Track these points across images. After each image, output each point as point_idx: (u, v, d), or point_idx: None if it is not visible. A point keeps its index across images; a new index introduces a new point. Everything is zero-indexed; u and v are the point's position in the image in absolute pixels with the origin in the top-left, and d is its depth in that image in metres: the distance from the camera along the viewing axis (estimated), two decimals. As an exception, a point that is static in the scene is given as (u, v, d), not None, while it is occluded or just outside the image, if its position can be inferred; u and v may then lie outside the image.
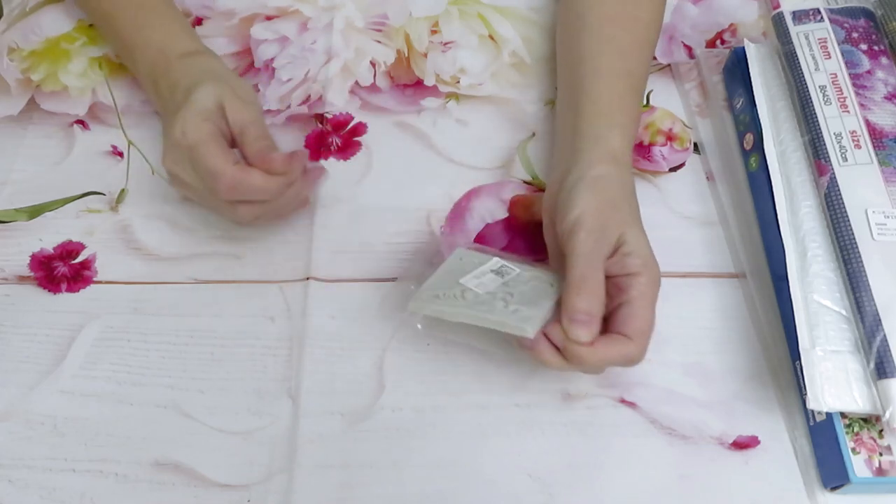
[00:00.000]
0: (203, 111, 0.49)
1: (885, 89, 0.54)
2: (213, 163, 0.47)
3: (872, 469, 0.44)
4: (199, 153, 0.47)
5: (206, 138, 0.48)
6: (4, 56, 0.65)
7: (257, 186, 0.48)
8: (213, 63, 0.55)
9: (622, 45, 0.54)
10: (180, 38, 0.56)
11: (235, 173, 0.47)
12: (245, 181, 0.48)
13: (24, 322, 0.52)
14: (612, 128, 0.50)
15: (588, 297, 0.43)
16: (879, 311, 0.45)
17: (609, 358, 0.43)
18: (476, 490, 0.46)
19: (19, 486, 0.46)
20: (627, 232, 0.45)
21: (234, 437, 0.48)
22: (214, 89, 0.50)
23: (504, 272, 0.48)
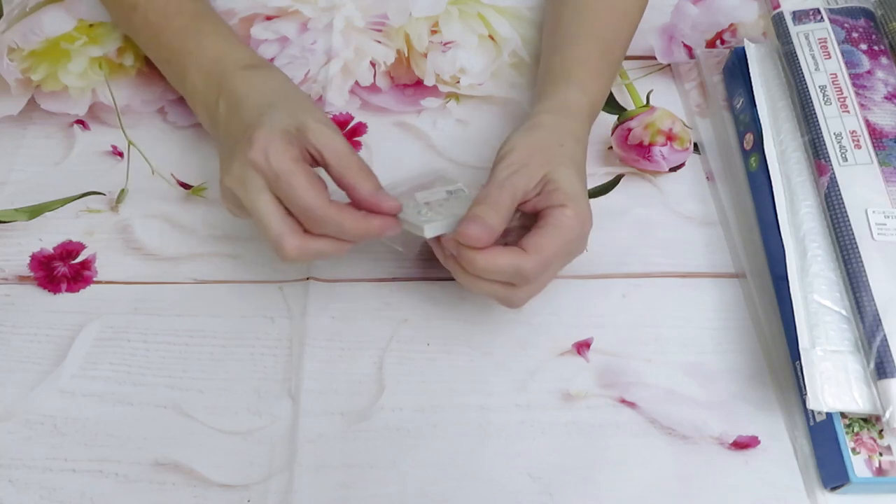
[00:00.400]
0: (286, 134, 0.44)
1: (885, 89, 0.54)
2: (306, 197, 0.43)
3: (872, 469, 0.44)
4: (289, 183, 0.43)
5: (294, 167, 0.43)
6: (4, 56, 0.65)
7: (352, 232, 0.44)
8: (283, 79, 0.51)
9: (598, 11, 0.56)
10: (239, 49, 0.53)
11: (332, 214, 0.43)
12: (341, 223, 0.44)
13: (24, 322, 0.52)
14: (569, 84, 0.52)
15: (485, 207, 0.44)
16: (879, 311, 0.45)
17: (499, 265, 0.43)
18: (476, 490, 0.46)
19: (19, 486, 0.46)
20: (556, 171, 0.46)
21: (234, 437, 0.48)
22: (294, 111, 0.46)
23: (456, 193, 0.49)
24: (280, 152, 0.44)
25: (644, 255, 0.55)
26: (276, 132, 0.44)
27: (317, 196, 0.43)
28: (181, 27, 0.55)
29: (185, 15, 0.55)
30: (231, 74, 0.50)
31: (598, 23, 0.56)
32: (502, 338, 0.52)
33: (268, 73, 0.51)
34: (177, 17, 0.55)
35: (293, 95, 0.50)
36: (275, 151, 0.43)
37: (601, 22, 0.56)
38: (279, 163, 0.43)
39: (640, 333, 0.52)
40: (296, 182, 0.43)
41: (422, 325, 0.52)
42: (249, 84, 0.50)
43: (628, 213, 0.57)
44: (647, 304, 0.53)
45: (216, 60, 0.52)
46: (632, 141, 0.60)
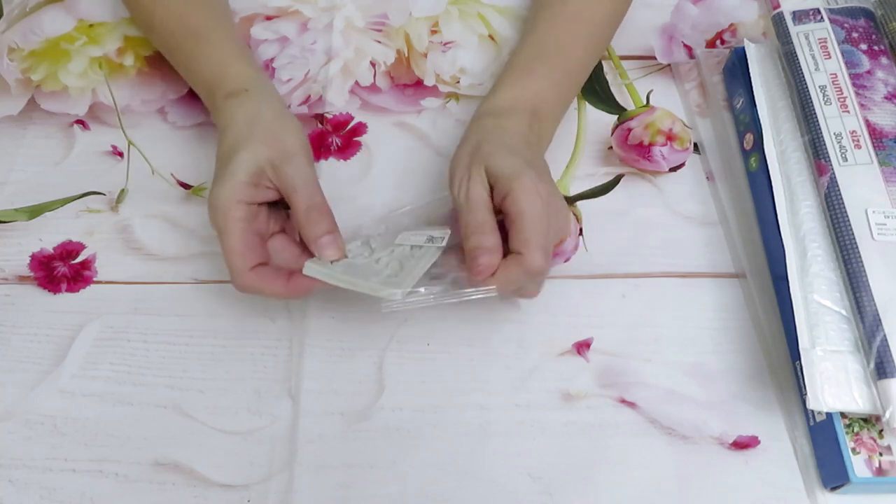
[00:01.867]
0: (237, 186, 0.46)
1: (885, 89, 0.54)
2: (233, 259, 0.46)
3: (872, 469, 0.44)
4: (223, 242, 0.46)
5: (233, 227, 0.46)
6: (4, 56, 0.65)
7: (275, 294, 0.47)
8: (255, 105, 0.51)
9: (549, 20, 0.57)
10: (226, 71, 0.53)
11: (250, 282, 0.46)
12: (260, 291, 0.47)
13: (24, 322, 0.52)
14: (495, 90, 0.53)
15: (475, 235, 0.45)
16: (879, 311, 0.45)
17: (510, 278, 0.44)
18: (476, 490, 0.46)
19: (19, 486, 0.46)
20: (489, 163, 0.46)
21: (234, 437, 0.48)
22: (252, 156, 0.47)
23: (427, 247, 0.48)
24: (222, 213, 0.46)
25: (644, 255, 0.55)
26: (228, 190, 0.46)
27: (240, 262, 0.46)
28: (184, 49, 0.57)
29: (186, 36, 0.56)
30: (215, 106, 0.53)
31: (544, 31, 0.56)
32: (502, 338, 0.52)
33: (241, 101, 0.51)
34: (179, 38, 0.57)
35: (261, 126, 0.49)
36: (220, 210, 0.46)
37: (547, 29, 0.56)
38: (220, 222, 0.46)
39: (640, 333, 0.52)
40: (226, 245, 0.46)
41: (422, 325, 0.52)
42: (227, 118, 0.51)
43: (628, 213, 0.57)
44: (647, 304, 0.53)
45: (209, 90, 0.54)
46: (632, 141, 0.60)
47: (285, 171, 0.47)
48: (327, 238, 0.46)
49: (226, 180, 0.46)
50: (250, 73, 0.54)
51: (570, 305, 0.53)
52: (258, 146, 0.48)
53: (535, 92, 0.53)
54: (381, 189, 0.58)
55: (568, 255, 0.55)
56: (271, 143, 0.48)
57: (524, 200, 0.44)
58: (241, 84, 0.52)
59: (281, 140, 0.48)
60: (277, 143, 0.48)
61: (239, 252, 0.46)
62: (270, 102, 0.52)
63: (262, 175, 0.47)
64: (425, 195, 0.58)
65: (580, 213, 0.57)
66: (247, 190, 0.47)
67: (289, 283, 0.46)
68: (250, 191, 0.47)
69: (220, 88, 0.52)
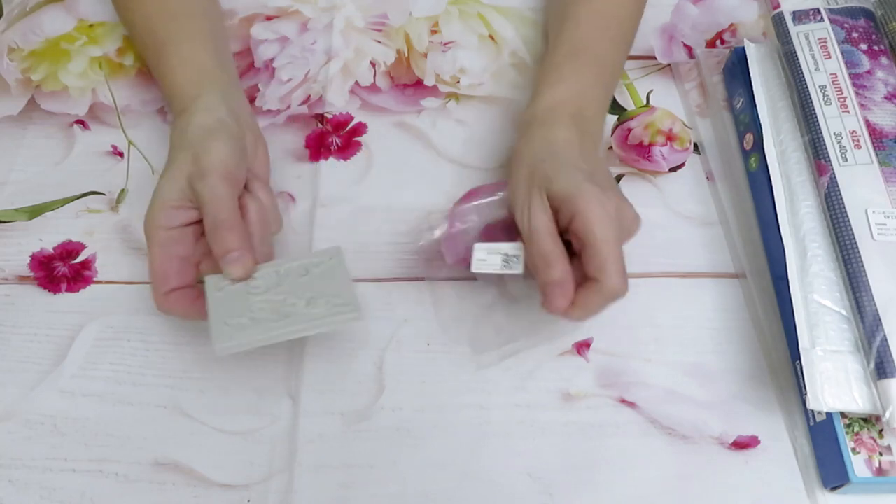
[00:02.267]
0: (158, 212, 0.47)
1: (885, 89, 0.54)
2: (152, 283, 0.47)
3: (872, 469, 0.44)
4: (148, 255, 0.47)
5: (152, 254, 0.47)
6: (4, 56, 0.65)
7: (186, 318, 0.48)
8: (187, 123, 0.50)
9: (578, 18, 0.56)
10: (184, 86, 0.53)
11: (164, 305, 0.47)
12: (174, 314, 0.48)
13: (24, 322, 0.52)
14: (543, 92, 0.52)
15: (545, 269, 0.44)
16: (879, 311, 0.45)
17: (590, 307, 0.44)
18: (476, 490, 0.46)
19: (19, 486, 0.46)
20: (550, 187, 0.45)
21: (234, 437, 0.48)
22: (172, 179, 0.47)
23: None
24: (146, 237, 0.47)
25: (644, 255, 0.55)
26: (148, 216, 0.47)
27: (155, 285, 0.47)
28: (151, 65, 0.57)
29: (149, 49, 0.57)
30: (172, 123, 0.53)
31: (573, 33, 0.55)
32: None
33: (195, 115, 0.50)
34: (148, 51, 0.57)
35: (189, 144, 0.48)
36: (146, 231, 0.47)
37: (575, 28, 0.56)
38: (147, 243, 0.47)
39: (640, 333, 0.52)
40: (149, 268, 0.47)
41: (422, 325, 0.52)
42: (175, 136, 0.51)
43: (628, 213, 0.57)
44: (647, 304, 0.53)
45: (169, 107, 0.55)
46: (632, 141, 0.60)
47: (196, 189, 0.46)
48: (231, 256, 0.45)
49: (151, 205, 0.47)
50: (195, 89, 0.53)
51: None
52: (178, 166, 0.48)
53: (576, 92, 0.52)
54: (381, 189, 0.58)
55: (568, 255, 0.55)
56: (190, 161, 0.47)
57: (593, 223, 0.43)
58: (183, 104, 0.52)
59: (200, 158, 0.47)
60: (197, 161, 0.47)
61: (155, 277, 0.47)
62: (205, 116, 0.50)
63: (184, 196, 0.47)
64: (425, 195, 0.58)
65: (580, 213, 0.57)
66: (167, 214, 0.47)
67: (191, 305, 0.47)
68: (171, 214, 0.47)
69: (176, 105, 0.53)
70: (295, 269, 0.47)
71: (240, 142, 0.50)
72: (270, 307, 0.45)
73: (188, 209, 0.47)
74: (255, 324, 0.44)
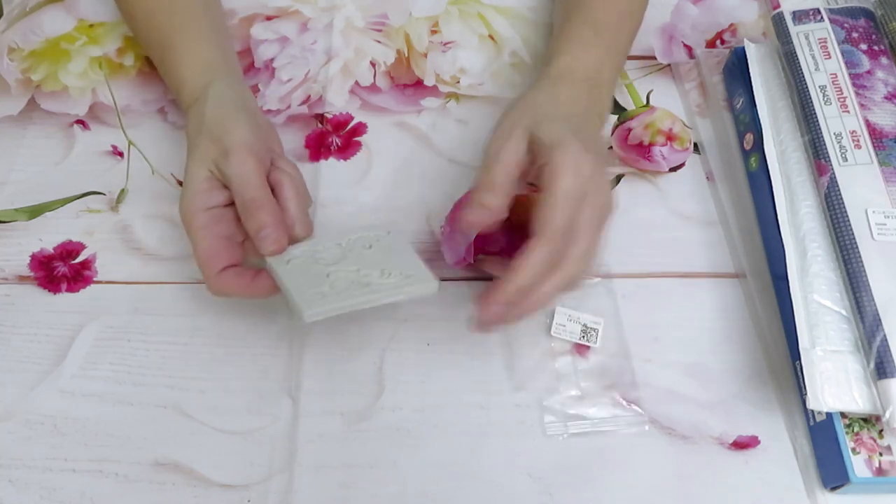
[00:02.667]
0: (194, 196, 0.47)
1: (885, 89, 0.54)
2: (201, 267, 0.46)
3: (872, 469, 0.44)
4: (191, 241, 0.47)
5: (196, 238, 0.46)
6: (4, 56, 0.65)
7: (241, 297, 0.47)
8: (204, 109, 0.50)
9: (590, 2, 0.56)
10: (191, 79, 0.53)
11: (218, 286, 0.46)
12: (229, 294, 0.47)
13: (24, 322, 0.52)
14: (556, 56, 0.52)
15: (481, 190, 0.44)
16: (879, 311, 0.45)
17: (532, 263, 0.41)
18: (476, 490, 0.46)
19: (19, 486, 0.46)
20: (537, 128, 0.44)
21: (234, 437, 0.48)
22: (201, 160, 0.48)
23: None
24: (186, 224, 0.47)
25: (644, 255, 0.55)
26: (184, 202, 0.47)
27: (205, 267, 0.46)
28: (157, 59, 0.57)
29: (154, 44, 0.57)
30: (185, 115, 0.53)
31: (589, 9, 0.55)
32: (502, 337, 0.51)
33: (195, 109, 0.51)
34: (153, 46, 0.57)
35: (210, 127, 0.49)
36: (184, 224, 0.47)
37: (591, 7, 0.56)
38: (187, 231, 0.47)
39: (640, 333, 0.52)
40: (195, 253, 0.46)
41: (422, 325, 0.52)
42: (190, 125, 0.51)
43: (628, 213, 0.57)
44: (647, 304, 0.53)
45: (177, 99, 0.55)
46: (632, 141, 0.60)
47: (223, 170, 0.47)
48: (264, 232, 0.46)
49: (184, 191, 0.47)
50: (204, 78, 0.53)
51: (571, 305, 0.53)
52: (203, 151, 0.48)
53: (591, 60, 0.52)
54: (381, 189, 0.58)
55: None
56: (214, 143, 0.48)
57: (556, 176, 0.41)
58: (195, 94, 0.52)
59: (222, 139, 0.48)
60: (219, 143, 0.48)
61: (204, 259, 0.46)
62: (221, 101, 0.51)
63: (212, 179, 0.47)
64: (425, 195, 0.58)
65: (580, 213, 0.57)
66: (202, 197, 0.47)
67: (252, 282, 0.47)
68: (205, 197, 0.47)
69: (185, 99, 0.53)
70: (357, 243, 0.48)
71: (257, 120, 0.51)
72: (346, 277, 0.45)
73: (222, 190, 0.47)
74: (336, 292, 0.44)
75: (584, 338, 0.51)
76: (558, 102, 0.48)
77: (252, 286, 0.47)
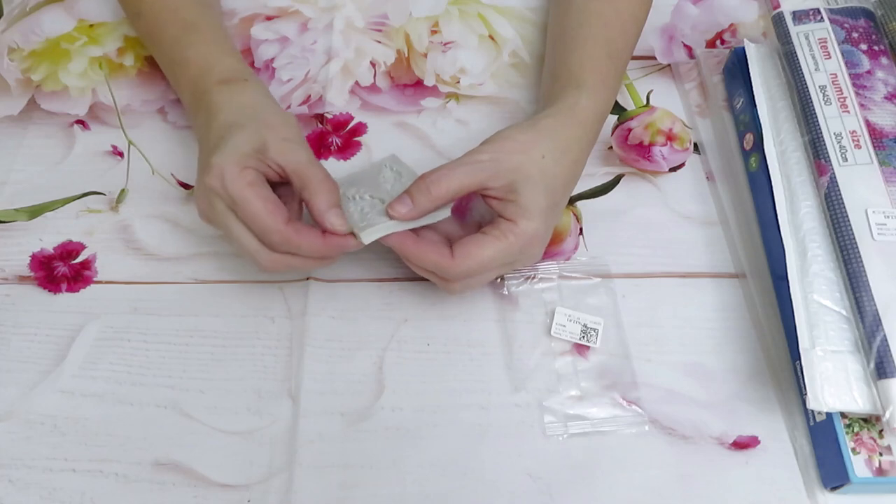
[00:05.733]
0: (241, 157, 0.45)
1: (885, 89, 0.54)
2: (263, 221, 0.44)
3: (872, 469, 0.44)
4: (244, 210, 0.45)
5: (248, 193, 0.44)
6: (4, 56, 0.65)
7: (310, 252, 0.46)
8: (254, 95, 0.51)
9: (603, 17, 0.55)
10: (221, 61, 0.53)
11: (290, 235, 0.45)
12: (298, 246, 0.45)
13: (24, 322, 0.52)
14: (580, 90, 0.51)
15: (423, 188, 0.45)
16: (879, 311, 0.45)
17: (424, 262, 0.46)
18: (476, 490, 0.46)
19: (19, 486, 0.46)
20: (522, 182, 0.46)
21: (234, 437, 0.48)
22: (254, 133, 0.47)
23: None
24: (234, 178, 0.45)
25: (644, 255, 0.55)
26: (232, 157, 0.45)
27: (271, 220, 0.44)
28: (173, 38, 0.55)
29: (177, 25, 0.56)
30: (207, 91, 0.51)
31: (606, 27, 0.55)
32: (502, 337, 0.51)
33: (240, 88, 0.51)
34: (170, 26, 0.56)
35: (262, 111, 0.49)
36: (230, 177, 0.45)
37: (609, 26, 0.55)
38: (234, 189, 0.45)
39: (640, 333, 0.52)
40: (250, 208, 0.45)
41: (422, 325, 0.52)
42: (221, 100, 0.50)
43: (628, 213, 0.57)
44: (647, 304, 0.53)
45: (198, 75, 0.53)
46: (632, 141, 0.60)
47: (291, 149, 0.46)
48: (336, 210, 0.46)
49: (229, 150, 0.45)
50: (246, 68, 0.54)
51: (571, 305, 0.53)
52: (261, 127, 0.47)
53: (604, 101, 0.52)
54: (381, 189, 0.58)
55: (568, 254, 0.55)
56: (278, 127, 0.48)
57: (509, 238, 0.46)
58: (239, 74, 0.52)
59: (285, 126, 0.48)
60: (283, 129, 0.48)
61: (267, 211, 0.44)
62: (269, 94, 0.52)
63: (264, 152, 0.46)
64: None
65: (580, 212, 0.57)
66: (252, 159, 0.46)
67: (325, 238, 0.45)
68: (255, 161, 0.46)
69: (212, 75, 0.52)
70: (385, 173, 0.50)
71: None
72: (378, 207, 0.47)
73: (267, 166, 0.46)
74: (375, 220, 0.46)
75: (584, 338, 0.51)
76: (552, 157, 0.48)
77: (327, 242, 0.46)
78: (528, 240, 0.46)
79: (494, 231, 0.46)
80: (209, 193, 0.46)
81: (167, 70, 0.57)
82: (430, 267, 0.46)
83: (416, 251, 0.46)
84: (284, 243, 0.45)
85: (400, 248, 0.46)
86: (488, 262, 0.46)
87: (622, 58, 0.56)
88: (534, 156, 0.47)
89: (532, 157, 0.47)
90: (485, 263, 0.46)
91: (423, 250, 0.46)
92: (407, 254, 0.46)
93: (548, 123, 0.49)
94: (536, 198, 0.46)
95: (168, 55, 0.56)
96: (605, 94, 0.52)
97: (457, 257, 0.45)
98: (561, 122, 0.49)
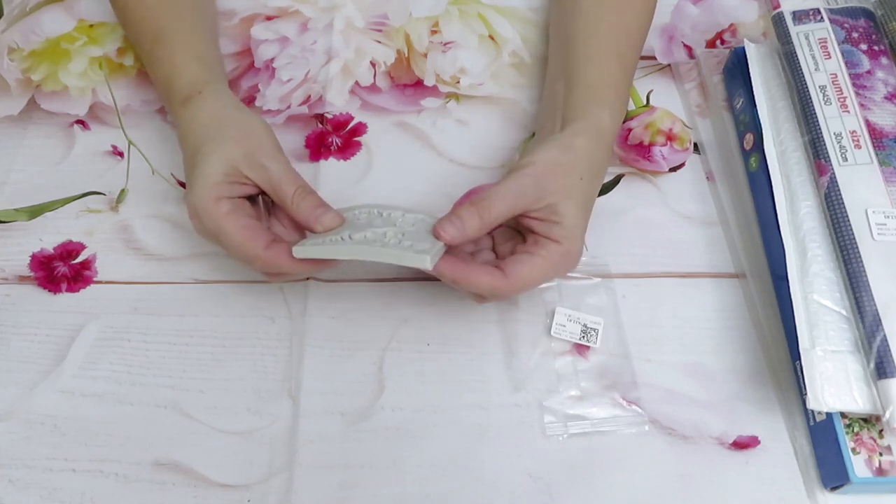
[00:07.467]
0: (213, 188, 0.46)
1: (885, 89, 0.54)
2: (243, 250, 0.46)
3: (872, 469, 0.44)
4: (225, 241, 0.46)
5: (226, 225, 0.46)
6: (4, 56, 0.65)
7: (295, 270, 0.47)
8: (212, 109, 0.51)
9: (614, 27, 0.55)
10: (182, 74, 0.53)
11: (270, 259, 0.46)
12: (282, 266, 0.46)
13: (24, 322, 0.52)
14: (602, 106, 0.51)
15: (472, 211, 0.45)
16: (879, 311, 0.45)
17: (477, 285, 0.45)
18: (476, 490, 0.46)
19: (19, 486, 0.46)
20: (564, 204, 0.46)
21: (234, 437, 0.48)
22: (221, 157, 0.47)
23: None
24: (209, 212, 0.46)
25: (644, 255, 0.55)
26: (203, 191, 0.46)
27: (250, 248, 0.46)
28: (148, 53, 0.56)
29: (148, 38, 0.56)
30: (173, 112, 0.53)
31: (617, 41, 0.55)
32: (502, 337, 0.52)
33: (199, 106, 0.51)
34: (143, 40, 0.56)
35: (224, 127, 0.49)
36: (205, 213, 0.46)
37: (620, 39, 0.55)
38: (211, 224, 0.46)
39: (640, 333, 0.52)
40: (229, 240, 0.46)
41: (422, 325, 0.52)
42: (184, 125, 0.51)
43: (628, 213, 0.57)
44: (647, 304, 0.53)
45: (165, 96, 0.54)
46: (632, 141, 0.60)
47: (263, 164, 0.47)
48: (321, 209, 0.46)
49: (200, 184, 0.46)
50: (203, 75, 0.53)
51: (571, 305, 0.53)
52: (228, 145, 0.48)
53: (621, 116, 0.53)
54: (381, 189, 0.58)
55: (568, 255, 0.55)
56: (241, 139, 0.48)
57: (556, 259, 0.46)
58: (194, 88, 0.52)
59: (250, 136, 0.48)
60: (248, 139, 0.48)
61: (243, 240, 0.46)
62: (228, 101, 0.52)
63: (236, 173, 0.47)
64: (425, 195, 0.58)
65: (580, 213, 0.57)
66: (224, 188, 0.47)
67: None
68: (226, 188, 0.47)
69: (174, 95, 0.52)
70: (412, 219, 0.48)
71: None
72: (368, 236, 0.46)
73: (241, 185, 0.47)
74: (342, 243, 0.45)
75: (584, 338, 0.51)
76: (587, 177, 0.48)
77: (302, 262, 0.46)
78: (572, 259, 0.47)
79: (542, 251, 0.46)
80: (193, 221, 0.48)
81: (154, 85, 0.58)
82: (484, 291, 0.46)
83: (469, 276, 0.45)
84: (266, 268, 0.46)
85: (451, 275, 0.45)
86: (539, 281, 0.47)
87: (632, 70, 0.56)
88: (574, 178, 0.47)
89: (573, 180, 0.47)
90: (534, 283, 0.46)
91: (476, 274, 0.45)
92: (458, 279, 0.45)
93: (582, 144, 0.49)
94: (578, 219, 0.47)
95: (147, 69, 0.58)
96: (622, 110, 0.53)
97: (511, 279, 0.45)
98: (592, 141, 0.49)
